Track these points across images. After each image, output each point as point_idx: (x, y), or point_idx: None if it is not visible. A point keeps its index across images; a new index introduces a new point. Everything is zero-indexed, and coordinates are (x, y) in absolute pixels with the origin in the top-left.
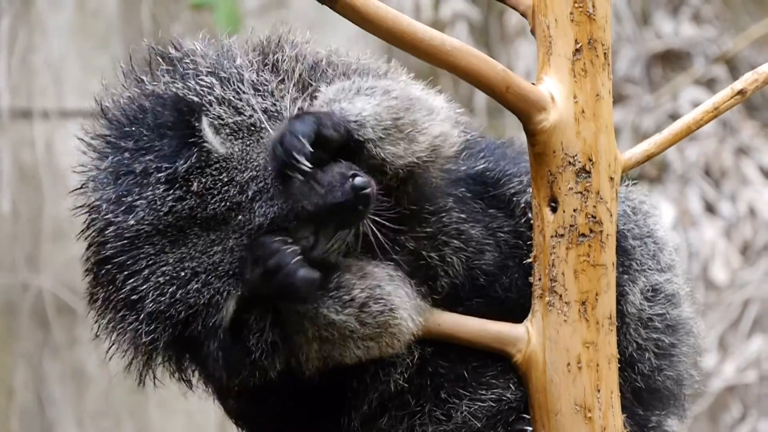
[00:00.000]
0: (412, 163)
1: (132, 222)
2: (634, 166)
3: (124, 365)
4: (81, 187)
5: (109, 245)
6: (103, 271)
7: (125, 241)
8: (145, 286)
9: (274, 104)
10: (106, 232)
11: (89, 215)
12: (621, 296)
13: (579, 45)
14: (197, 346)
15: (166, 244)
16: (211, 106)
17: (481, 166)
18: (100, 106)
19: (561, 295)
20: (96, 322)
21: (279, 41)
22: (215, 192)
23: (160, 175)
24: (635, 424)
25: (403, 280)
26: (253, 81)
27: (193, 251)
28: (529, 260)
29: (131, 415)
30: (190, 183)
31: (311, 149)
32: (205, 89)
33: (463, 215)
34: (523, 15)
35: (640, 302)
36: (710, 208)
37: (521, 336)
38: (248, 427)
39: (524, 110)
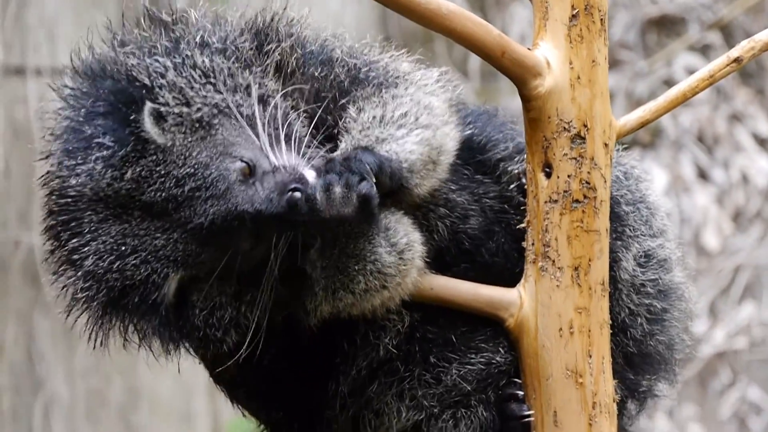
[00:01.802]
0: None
1: (73, 182)
2: (628, 132)
3: (78, 321)
4: (47, 134)
5: (55, 198)
6: (51, 224)
7: (69, 200)
8: (85, 249)
9: (227, 98)
10: (54, 184)
11: (49, 162)
12: (614, 262)
13: (576, 11)
14: (140, 318)
15: (109, 216)
16: (160, 90)
17: (468, 132)
18: (74, 57)
19: (554, 261)
20: (50, 271)
21: (272, 22)
22: (151, 182)
23: (98, 154)
24: (626, 389)
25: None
26: (206, 68)
27: (136, 230)
28: (522, 225)
29: (121, 374)
30: (124, 170)
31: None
32: (157, 71)
33: (451, 184)
34: None
35: (632, 268)
36: (703, 175)
37: (514, 301)
38: (241, 392)
39: (520, 75)
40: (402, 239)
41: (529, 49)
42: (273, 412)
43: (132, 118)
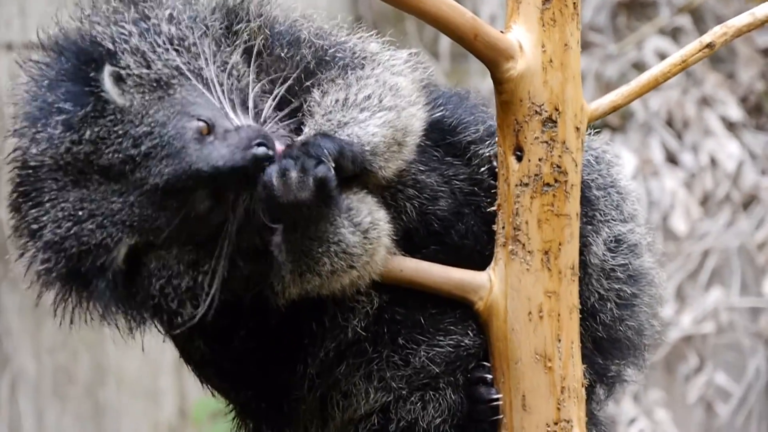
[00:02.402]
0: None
1: (34, 151)
2: (600, 116)
3: (44, 296)
4: (15, 103)
5: (18, 171)
6: (13, 196)
7: (30, 171)
8: (44, 218)
9: (189, 62)
10: (17, 156)
11: (14, 138)
12: (584, 246)
13: None
14: (88, 283)
15: (68, 183)
16: (123, 54)
17: (439, 114)
18: (42, 33)
19: (524, 244)
20: (15, 247)
21: (243, 2)
22: (109, 142)
23: (58, 118)
24: (595, 374)
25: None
26: (171, 35)
27: (94, 195)
28: (492, 208)
29: (88, 350)
30: (83, 131)
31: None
32: (121, 37)
33: (420, 165)
34: None
35: (603, 253)
36: (672, 159)
37: (483, 284)
38: (211, 372)
39: (492, 58)
40: (366, 218)
41: (501, 32)
42: (242, 391)
43: (92, 76)
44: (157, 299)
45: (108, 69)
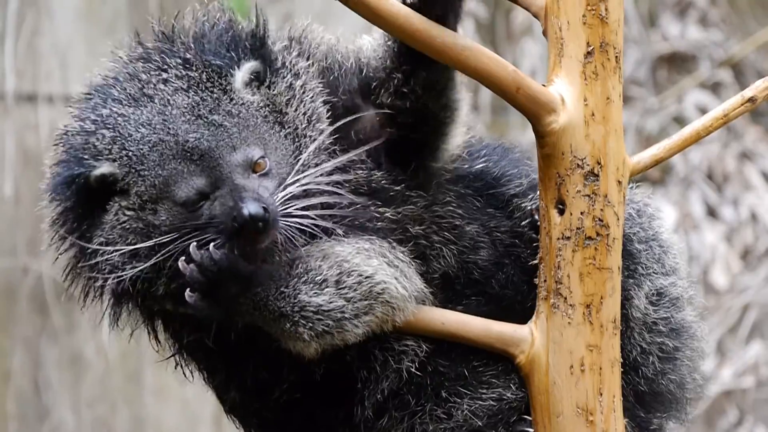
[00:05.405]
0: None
1: (137, 113)
2: (642, 170)
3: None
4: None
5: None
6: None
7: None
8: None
9: (309, 124)
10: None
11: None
12: (626, 300)
13: (591, 48)
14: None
15: (130, 98)
16: (281, 71)
17: (482, 165)
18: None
19: (566, 298)
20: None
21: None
22: (205, 96)
23: (183, 71)
24: (636, 426)
25: (375, 251)
26: (314, 89)
27: (140, 113)
28: (534, 262)
29: (127, 402)
30: (191, 89)
31: None
32: (291, 61)
33: (459, 211)
34: (535, 16)
35: (644, 306)
36: (712, 212)
37: (525, 337)
38: (254, 422)
39: (534, 112)
40: (330, 271)
41: (543, 85)
42: None
43: (238, 59)
44: (98, 256)
45: (256, 64)
